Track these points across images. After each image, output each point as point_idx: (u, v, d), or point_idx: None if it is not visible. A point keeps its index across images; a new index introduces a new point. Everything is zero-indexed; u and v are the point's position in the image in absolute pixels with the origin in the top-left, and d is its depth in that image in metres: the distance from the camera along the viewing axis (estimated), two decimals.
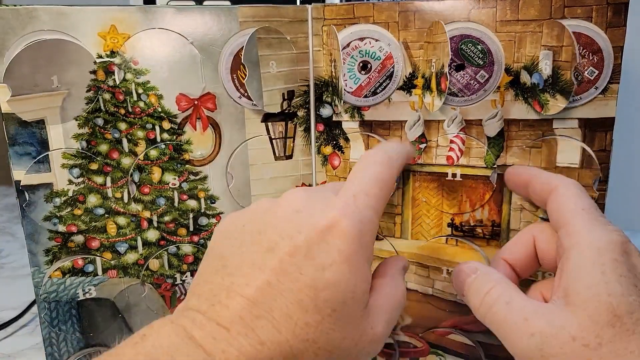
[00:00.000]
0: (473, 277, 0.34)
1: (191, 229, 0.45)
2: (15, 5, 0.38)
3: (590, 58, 0.38)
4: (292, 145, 0.46)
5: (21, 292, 0.68)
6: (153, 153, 0.43)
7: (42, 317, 0.44)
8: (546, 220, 0.36)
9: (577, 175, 0.39)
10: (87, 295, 0.45)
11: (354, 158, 0.45)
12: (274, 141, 0.46)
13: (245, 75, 0.44)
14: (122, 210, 0.44)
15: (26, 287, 0.68)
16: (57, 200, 0.42)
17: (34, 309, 0.63)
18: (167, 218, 0.45)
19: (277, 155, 0.46)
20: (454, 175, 0.43)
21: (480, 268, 0.35)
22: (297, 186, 0.47)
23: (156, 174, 0.44)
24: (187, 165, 0.44)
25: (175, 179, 0.44)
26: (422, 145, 0.43)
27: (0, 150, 0.46)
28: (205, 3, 0.58)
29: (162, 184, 0.44)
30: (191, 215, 0.45)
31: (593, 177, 0.39)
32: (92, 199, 0.43)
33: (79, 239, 0.43)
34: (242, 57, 0.43)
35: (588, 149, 0.39)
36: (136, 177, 0.43)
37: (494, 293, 0.32)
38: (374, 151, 0.35)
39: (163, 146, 0.43)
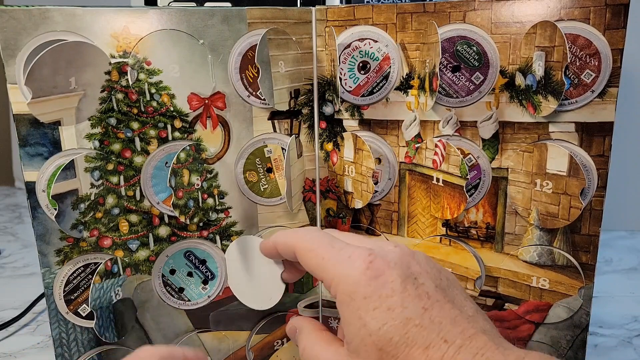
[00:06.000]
0: (297, 335, 0.37)
1: (201, 224, 0.45)
2: (27, 6, 0.37)
3: (587, 61, 0.35)
4: (301, 143, 0.45)
5: (22, 291, 0.66)
6: (182, 155, 0.43)
7: (94, 327, 0.43)
8: (539, 227, 0.34)
9: (564, 183, 0.36)
10: (117, 297, 0.43)
11: (347, 157, 0.44)
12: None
13: (254, 75, 0.43)
14: (134, 207, 0.43)
15: (27, 287, 0.68)
16: (82, 206, 0.41)
17: (35, 308, 0.62)
18: (196, 219, 0.44)
19: (297, 153, 0.45)
20: (437, 179, 0.41)
21: (301, 326, 0.37)
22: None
23: (186, 176, 0.43)
24: (204, 165, 0.44)
25: (198, 179, 0.44)
26: (417, 145, 0.41)
27: (0, 151, 0.45)
28: (206, 4, 0.57)
29: (190, 185, 0.44)
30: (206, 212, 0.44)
31: (580, 186, 0.36)
32: (110, 200, 0.42)
33: (92, 238, 0.42)
34: (252, 57, 0.42)
35: (584, 153, 0.36)
36: (173, 182, 0.42)
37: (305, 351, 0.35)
38: None
39: (188, 147, 0.43)
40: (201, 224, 0.44)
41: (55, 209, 0.40)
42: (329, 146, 0.45)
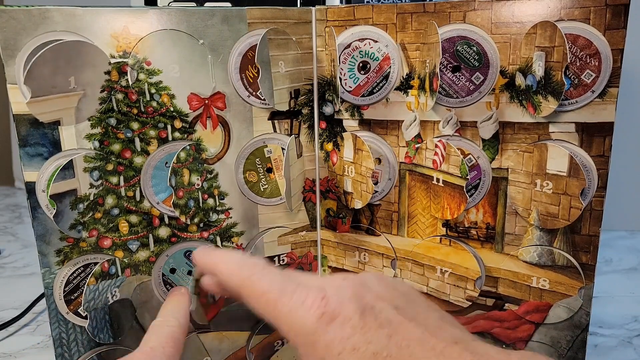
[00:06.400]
0: None
1: (201, 225, 0.45)
2: (27, 6, 0.37)
3: (587, 61, 0.35)
4: (301, 143, 0.45)
5: (22, 291, 0.66)
6: (182, 155, 0.42)
7: (87, 329, 0.42)
8: (539, 227, 0.34)
9: (564, 183, 0.36)
10: (114, 298, 0.43)
11: (347, 157, 0.44)
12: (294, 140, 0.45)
13: (254, 75, 0.43)
14: (134, 208, 0.43)
15: (27, 287, 0.68)
16: (81, 206, 0.41)
17: (35, 308, 0.62)
18: (196, 220, 0.44)
19: (297, 154, 0.45)
20: (437, 180, 0.41)
21: None
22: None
23: (186, 176, 0.43)
24: (205, 165, 0.43)
25: (198, 179, 0.43)
26: (418, 145, 0.41)
27: (0, 151, 0.45)
28: (206, 4, 0.57)
29: (190, 185, 0.43)
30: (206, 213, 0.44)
31: (580, 187, 0.36)
32: (109, 200, 0.42)
33: (92, 238, 0.41)
34: (252, 57, 0.42)
35: (585, 154, 0.36)
36: (173, 182, 0.42)
37: None
38: (165, 319, 0.39)
39: (188, 147, 0.42)
40: (202, 225, 0.44)
41: (54, 209, 0.40)
42: (329, 146, 0.45)
